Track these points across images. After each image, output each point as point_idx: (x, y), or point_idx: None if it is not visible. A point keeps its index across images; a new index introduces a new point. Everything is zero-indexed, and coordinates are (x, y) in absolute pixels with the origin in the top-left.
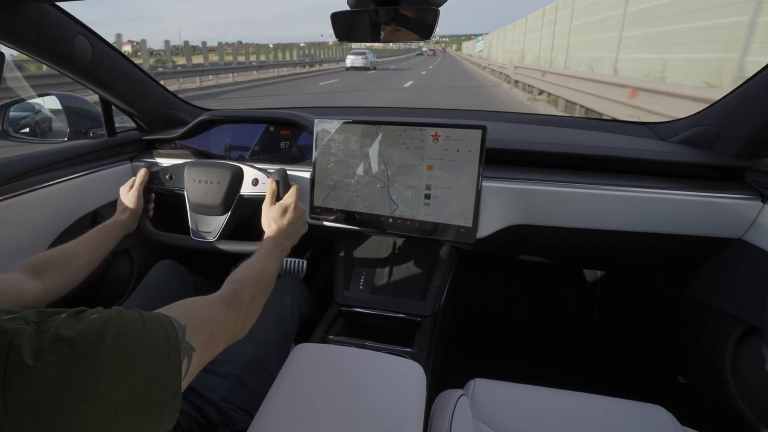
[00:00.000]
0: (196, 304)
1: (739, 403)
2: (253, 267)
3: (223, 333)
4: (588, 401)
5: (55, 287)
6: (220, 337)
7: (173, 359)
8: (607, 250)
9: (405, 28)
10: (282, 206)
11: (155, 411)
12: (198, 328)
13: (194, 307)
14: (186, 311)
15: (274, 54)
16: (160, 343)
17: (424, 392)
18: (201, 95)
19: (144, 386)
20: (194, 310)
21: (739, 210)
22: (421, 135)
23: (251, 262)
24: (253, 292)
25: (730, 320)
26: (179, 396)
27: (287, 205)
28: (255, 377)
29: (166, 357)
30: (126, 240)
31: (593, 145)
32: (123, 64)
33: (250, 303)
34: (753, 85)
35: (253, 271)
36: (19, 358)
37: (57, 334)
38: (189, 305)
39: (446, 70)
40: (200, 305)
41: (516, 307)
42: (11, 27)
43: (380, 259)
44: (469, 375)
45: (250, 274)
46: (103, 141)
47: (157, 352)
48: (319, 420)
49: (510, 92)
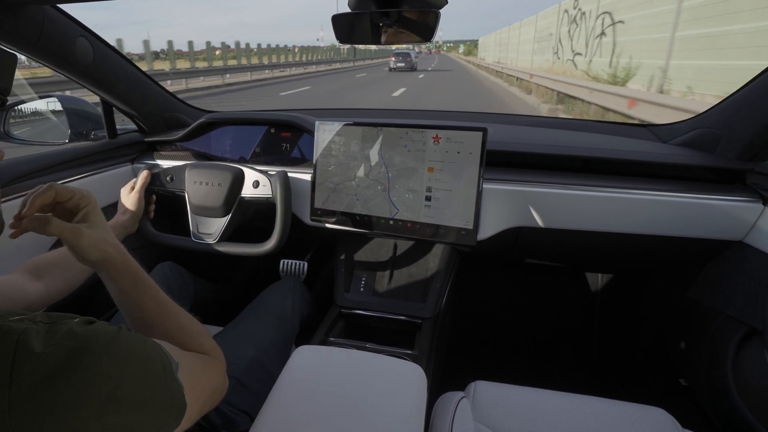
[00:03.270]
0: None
1: (740, 405)
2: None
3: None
4: (589, 403)
5: (57, 289)
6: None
7: (176, 380)
8: (608, 252)
9: (406, 30)
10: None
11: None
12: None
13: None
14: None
15: (259, 57)
16: (159, 360)
17: (424, 394)
18: (201, 95)
19: (147, 393)
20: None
21: (740, 212)
22: (422, 137)
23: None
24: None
25: (732, 323)
26: (184, 406)
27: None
28: (256, 379)
29: (171, 379)
30: (127, 242)
31: (594, 147)
32: (124, 66)
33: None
34: (754, 87)
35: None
36: (26, 358)
37: (71, 332)
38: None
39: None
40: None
41: (517, 309)
42: (13, 29)
43: (381, 261)
44: (469, 377)
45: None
46: (104, 143)
47: (158, 364)
48: (319, 422)
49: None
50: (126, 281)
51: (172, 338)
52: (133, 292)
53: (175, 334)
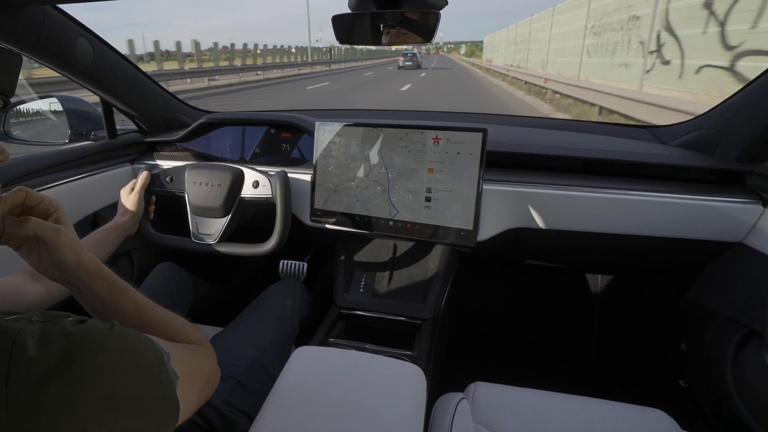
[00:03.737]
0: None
1: (740, 406)
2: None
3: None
4: (589, 405)
5: (56, 290)
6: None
7: (170, 371)
8: (608, 253)
9: (406, 31)
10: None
11: (155, 413)
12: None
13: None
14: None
15: (253, 58)
16: (153, 355)
17: (424, 395)
18: (228, 91)
19: (143, 389)
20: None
21: (740, 214)
22: (422, 138)
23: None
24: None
25: (731, 324)
26: (177, 402)
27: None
28: (255, 380)
29: (157, 371)
30: (127, 242)
31: (594, 148)
32: (124, 67)
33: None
34: (753, 89)
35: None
36: (22, 357)
37: (64, 331)
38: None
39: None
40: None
41: (516, 310)
42: (13, 29)
43: (380, 262)
44: (469, 378)
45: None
46: (104, 143)
47: (152, 359)
48: (319, 423)
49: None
50: (101, 285)
51: (158, 335)
52: (109, 296)
53: (160, 330)
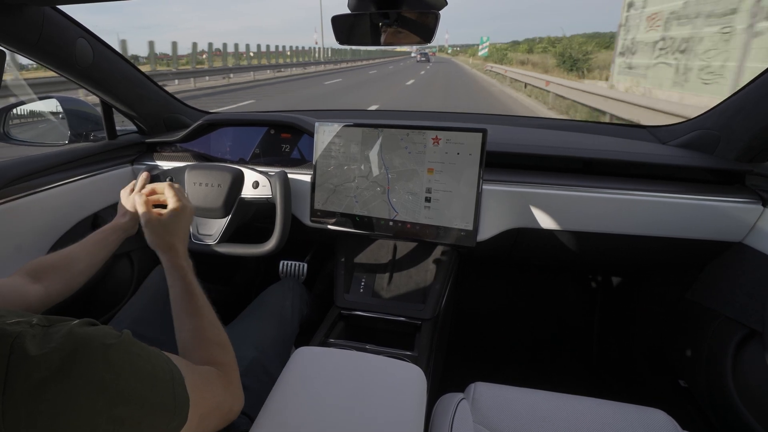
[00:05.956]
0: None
1: (740, 406)
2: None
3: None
4: (589, 405)
5: (56, 291)
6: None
7: (178, 392)
8: (608, 253)
9: (406, 31)
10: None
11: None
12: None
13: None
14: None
15: (248, 60)
16: (165, 377)
17: (424, 396)
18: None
19: (146, 409)
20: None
21: (740, 214)
22: (422, 138)
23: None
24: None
25: (731, 324)
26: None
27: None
28: (255, 380)
29: (171, 391)
30: (126, 243)
31: (594, 148)
32: (123, 67)
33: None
34: (753, 88)
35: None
36: (21, 362)
37: (69, 333)
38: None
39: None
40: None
41: (516, 310)
42: (12, 30)
43: (380, 263)
44: (469, 378)
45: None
46: (104, 144)
47: (163, 379)
48: (319, 423)
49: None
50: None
51: (201, 351)
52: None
53: (206, 347)
